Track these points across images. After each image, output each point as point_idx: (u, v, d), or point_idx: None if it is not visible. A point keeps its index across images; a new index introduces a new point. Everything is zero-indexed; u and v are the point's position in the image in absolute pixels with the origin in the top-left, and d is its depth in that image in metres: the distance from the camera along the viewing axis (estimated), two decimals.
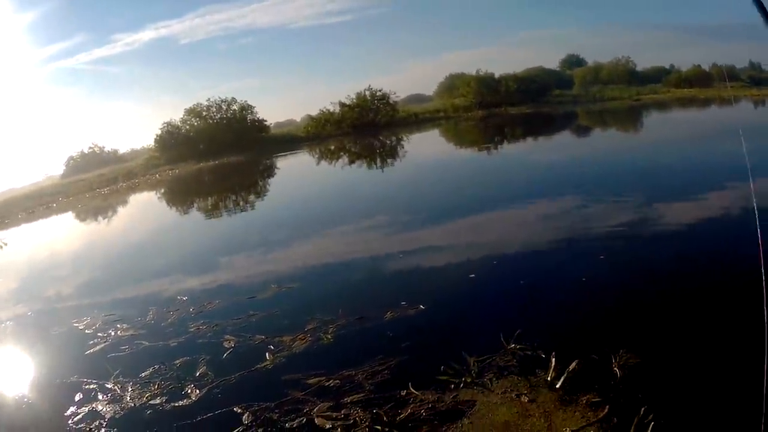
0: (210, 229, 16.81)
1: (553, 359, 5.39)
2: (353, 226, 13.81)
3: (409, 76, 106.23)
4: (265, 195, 21.65)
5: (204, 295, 9.37)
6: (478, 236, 11.14)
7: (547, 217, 11.77)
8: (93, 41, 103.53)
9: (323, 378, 5.70)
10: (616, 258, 8.49)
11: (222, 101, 51.81)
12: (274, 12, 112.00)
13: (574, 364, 5.20)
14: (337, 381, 5.63)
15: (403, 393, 5.25)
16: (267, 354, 6.56)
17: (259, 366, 6.27)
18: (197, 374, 6.30)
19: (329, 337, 6.85)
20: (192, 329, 7.79)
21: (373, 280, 9.30)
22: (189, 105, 52.09)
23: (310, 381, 5.69)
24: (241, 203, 20.89)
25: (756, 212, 2.16)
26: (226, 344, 7.04)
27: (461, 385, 5.28)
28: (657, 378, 4.76)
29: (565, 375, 5.10)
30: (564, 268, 8.58)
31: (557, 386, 4.99)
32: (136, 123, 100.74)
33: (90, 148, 56.28)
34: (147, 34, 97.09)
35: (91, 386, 6.44)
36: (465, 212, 13.41)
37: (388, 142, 40.89)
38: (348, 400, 5.27)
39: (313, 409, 5.16)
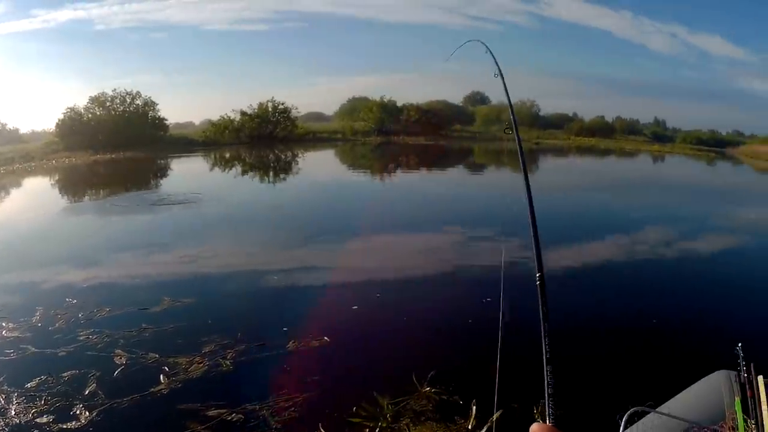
0: (101, 225, 15.80)
1: (474, 407, 5.26)
2: (241, 240, 13.57)
3: (312, 93, 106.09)
4: (159, 197, 20.76)
5: (93, 299, 8.63)
6: (367, 263, 11.34)
7: (427, 251, 12.28)
8: (11, 14, 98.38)
9: (225, 411, 5.28)
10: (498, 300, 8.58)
11: (127, 94, 50.13)
12: (190, 10, 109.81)
13: (497, 414, 5.00)
14: (241, 416, 5.24)
15: None
16: (161, 376, 6.02)
17: (153, 390, 5.73)
18: (86, 392, 5.68)
19: (228, 363, 6.41)
20: (81, 338, 7.09)
21: (264, 302, 8.98)
22: (94, 92, 49.84)
23: (210, 413, 5.26)
24: (134, 203, 19.87)
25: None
26: (117, 360, 6.43)
27: (377, 429, 5.04)
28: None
29: (488, 425, 5.00)
30: (453, 306, 8.71)
31: None
32: (41, 104, 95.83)
33: None
34: (65, 14, 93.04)
35: None
36: (353, 234, 13.83)
37: (283, 156, 41.13)
38: None
39: None
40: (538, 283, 2.13)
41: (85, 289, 9.30)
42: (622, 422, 3.16)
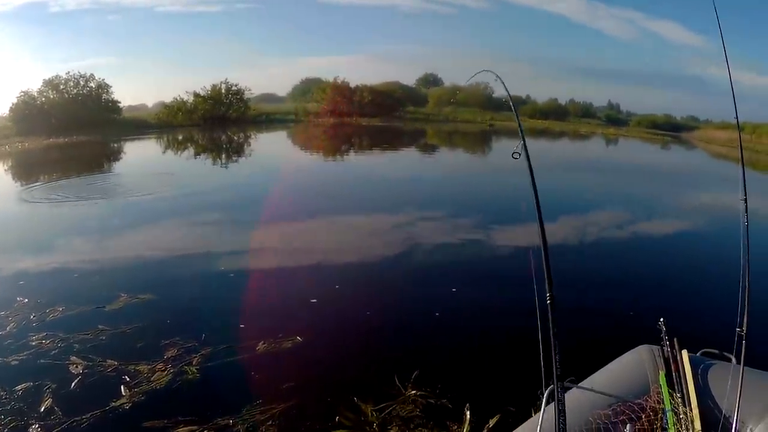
0: (51, 214, 14.96)
1: (468, 411, 4.96)
2: (198, 227, 13.05)
3: (266, 74, 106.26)
4: (113, 181, 20.14)
5: (45, 296, 7.94)
6: (318, 250, 11.14)
7: (383, 236, 12.21)
8: None
9: (195, 427, 4.78)
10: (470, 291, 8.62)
11: (81, 76, 49.41)
12: None
13: (495, 418, 4.85)
14: None
15: None
16: (122, 387, 5.48)
17: (114, 404, 5.18)
18: (42, 409, 5.10)
19: (194, 369, 5.90)
20: (34, 343, 6.47)
21: (223, 297, 8.37)
22: (48, 75, 49.91)
23: (180, 430, 4.77)
24: (88, 188, 19.09)
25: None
26: (73, 368, 5.86)
27: None
28: None
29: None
30: (420, 298, 8.45)
31: None
32: None
33: None
34: None
35: None
36: (310, 217, 13.90)
37: (236, 138, 41.30)
38: None
39: None
40: (548, 302, 2.20)
41: (38, 286, 8.60)
42: (544, 398, 3.05)
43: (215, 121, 50.68)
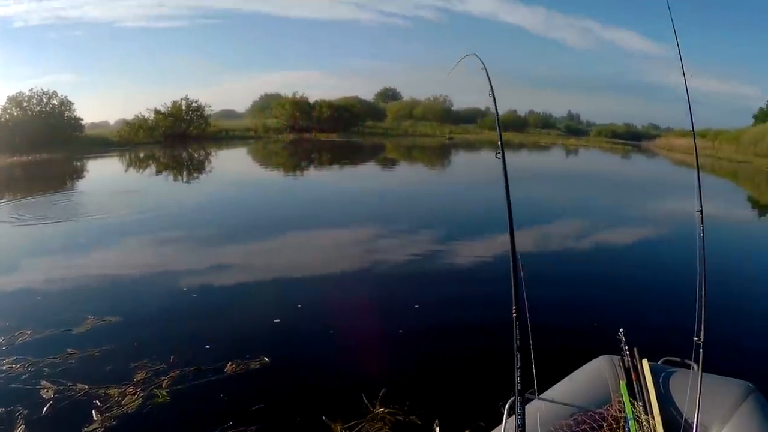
0: (15, 234, 14.85)
1: (437, 428, 5.05)
2: (161, 243, 13.19)
3: (225, 90, 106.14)
4: (77, 200, 19.99)
5: (13, 319, 7.91)
6: (276, 268, 11.18)
7: (341, 252, 12.43)
8: None
9: None
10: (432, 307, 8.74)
11: (44, 93, 49.40)
12: (105, 7, 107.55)
13: None
14: None
15: None
16: (94, 412, 5.48)
17: (86, 429, 5.18)
18: None
19: (164, 393, 5.92)
20: (4, 367, 6.44)
21: (188, 317, 8.43)
22: (12, 92, 49.13)
23: None
24: (52, 207, 18.86)
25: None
26: (44, 393, 5.85)
27: None
28: None
29: None
30: (382, 315, 8.51)
31: None
32: None
33: None
34: None
35: None
36: (271, 235, 14.04)
37: (196, 155, 41.50)
38: None
39: None
40: (514, 315, 2.12)
41: (4, 308, 8.59)
42: (505, 410, 3.14)
43: (176, 138, 50.92)
